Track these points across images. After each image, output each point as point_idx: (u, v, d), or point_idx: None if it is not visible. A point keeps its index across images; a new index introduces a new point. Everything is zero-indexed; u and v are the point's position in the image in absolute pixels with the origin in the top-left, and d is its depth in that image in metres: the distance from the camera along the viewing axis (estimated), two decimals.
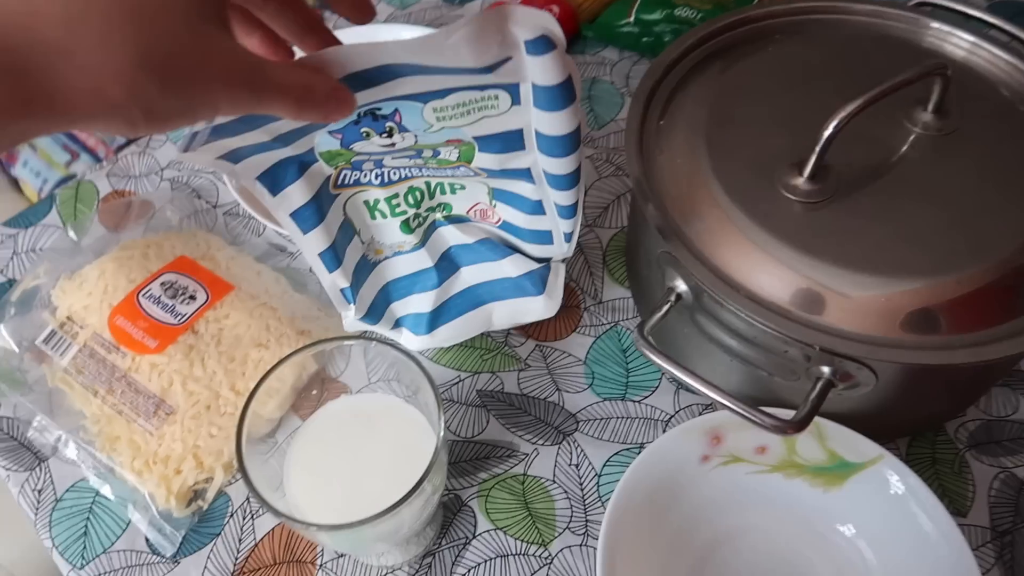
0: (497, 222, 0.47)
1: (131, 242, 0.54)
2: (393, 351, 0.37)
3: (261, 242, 0.56)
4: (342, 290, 0.46)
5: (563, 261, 0.48)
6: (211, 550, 0.43)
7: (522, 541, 0.43)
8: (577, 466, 0.45)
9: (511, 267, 0.47)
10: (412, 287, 0.48)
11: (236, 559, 0.43)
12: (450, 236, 0.48)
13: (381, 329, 0.48)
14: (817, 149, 0.38)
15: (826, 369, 0.37)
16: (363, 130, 0.38)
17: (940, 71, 0.40)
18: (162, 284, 0.50)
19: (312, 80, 0.30)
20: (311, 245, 0.43)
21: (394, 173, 0.44)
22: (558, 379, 0.49)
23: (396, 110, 0.36)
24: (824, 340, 0.36)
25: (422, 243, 0.48)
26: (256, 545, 0.43)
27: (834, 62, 0.46)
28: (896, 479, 0.39)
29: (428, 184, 0.46)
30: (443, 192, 0.46)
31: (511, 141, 0.39)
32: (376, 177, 0.44)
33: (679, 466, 0.42)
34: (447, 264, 0.48)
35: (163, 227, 0.56)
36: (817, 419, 0.40)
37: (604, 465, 0.45)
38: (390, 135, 0.38)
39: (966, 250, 0.37)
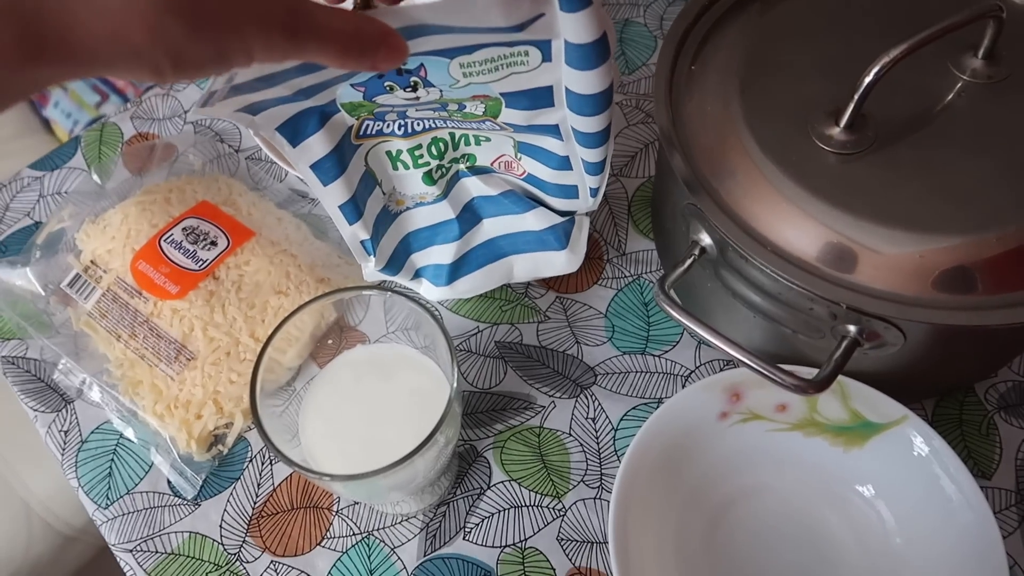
0: (522, 175, 0.46)
1: (154, 186, 0.53)
2: (410, 303, 0.37)
3: (283, 188, 0.56)
4: (362, 242, 0.45)
5: (587, 215, 0.47)
6: (231, 494, 0.44)
7: (536, 493, 0.43)
8: (594, 420, 0.45)
9: (534, 220, 0.46)
10: (433, 238, 0.47)
11: (255, 503, 0.43)
12: (473, 187, 0.47)
13: (401, 279, 0.47)
14: (856, 97, 0.36)
15: (852, 328, 0.36)
16: (387, 84, 0.37)
17: (994, 13, 0.37)
18: (184, 229, 0.50)
19: (361, 25, 0.27)
20: (331, 197, 0.42)
21: (417, 124, 0.42)
22: (577, 332, 0.48)
23: (421, 65, 0.35)
24: (852, 298, 0.35)
25: (444, 194, 0.47)
26: (274, 490, 0.44)
27: (880, 2, 0.43)
28: (920, 441, 0.38)
29: (452, 135, 0.44)
30: (467, 143, 0.45)
31: (540, 98, 0.38)
32: (399, 128, 0.42)
33: (697, 423, 0.41)
34: (469, 215, 0.47)
35: (186, 171, 0.56)
36: (840, 378, 0.39)
37: (621, 419, 0.45)
38: (415, 89, 0.37)
39: (1009, 205, 0.35)
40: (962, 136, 0.38)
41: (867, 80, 0.35)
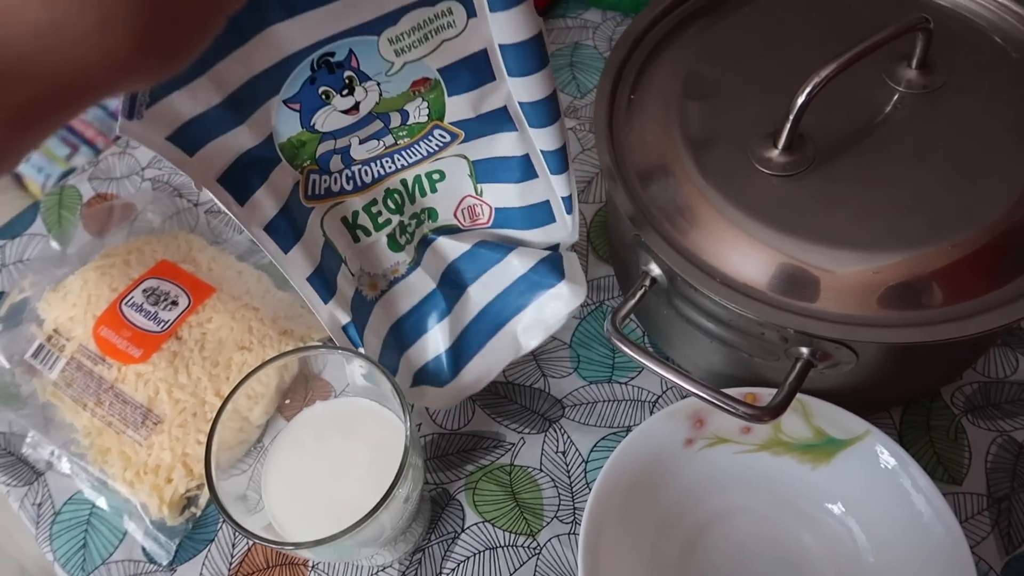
0: (488, 220, 0.44)
1: (112, 248, 0.53)
2: (361, 359, 0.37)
3: (242, 239, 0.56)
4: (344, 327, 0.41)
5: (573, 249, 0.44)
6: (206, 556, 0.44)
7: (510, 532, 0.43)
8: (564, 453, 0.45)
9: (519, 262, 0.43)
10: (423, 322, 0.44)
11: (231, 564, 0.43)
12: (445, 247, 0.44)
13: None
14: (790, 119, 0.36)
15: (805, 350, 0.36)
16: (321, 90, 0.35)
17: (921, 25, 0.38)
18: (144, 291, 0.50)
19: None
20: (295, 267, 0.38)
21: (365, 172, 0.41)
22: (543, 364, 0.48)
23: (350, 52, 0.34)
24: (797, 322, 0.35)
25: (417, 262, 0.44)
26: (249, 549, 0.44)
27: (815, 17, 0.43)
28: (885, 454, 0.38)
29: (405, 184, 0.42)
30: (423, 193, 0.43)
31: (478, 69, 0.37)
32: (348, 181, 0.40)
33: (663, 451, 0.41)
34: (451, 285, 0.44)
35: (145, 230, 0.56)
36: (801, 396, 0.40)
37: (591, 451, 0.45)
38: (351, 90, 0.36)
39: (953, 215, 0.35)
40: (902, 148, 0.38)
41: (800, 101, 0.36)
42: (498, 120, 0.39)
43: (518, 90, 0.36)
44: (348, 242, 0.42)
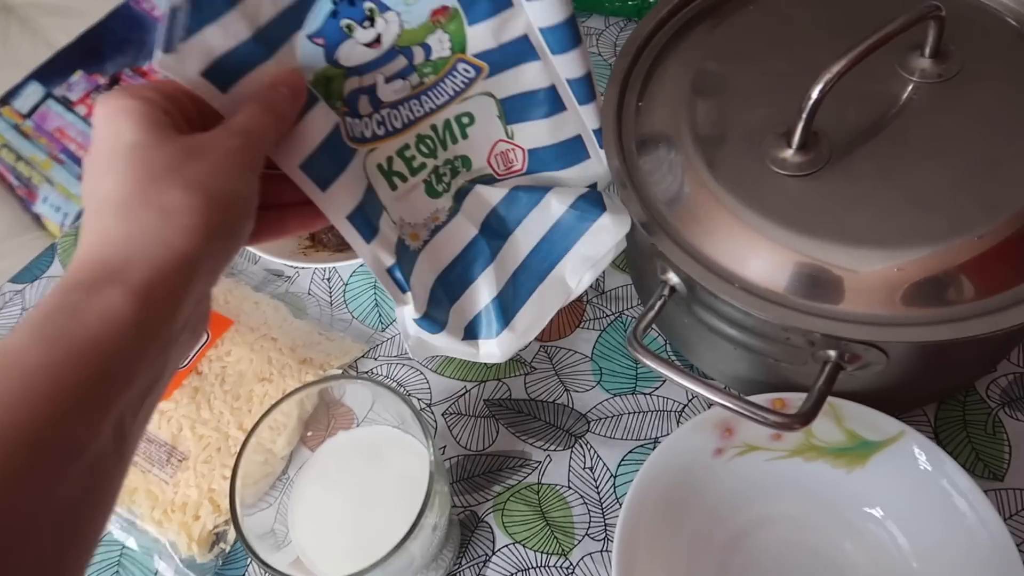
0: (523, 166, 0.43)
1: None
2: (378, 387, 0.37)
3: (258, 270, 0.56)
4: (389, 270, 0.38)
5: (610, 188, 0.43)
6: None
7: (542, 553, 0.42)
8: (591, 469, 0.44)
9: (558, 201, 0.42)
10: (468, 271, 0.42)
11: None
12: (484, 194, 0.43)
13: (450, 344, 0.41)
14: (803, 117, 0.35)
15: (832, 353, 0.35)
16: (343, 23, 0.35)
17: (933, 13, 0.37)
18: None
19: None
20: (334, 205, 0.36)
21: (395, 117, 0.39)
22: (565, 379, 0.47)
23: None
24: (824, 326, 0.34)
25: (457, 206, 0.43)
26: None
27: (822, 11, 0.43)
28: (922, 454, 0.37)
29: (435, 129, 0.41)
30: (454, 139, 0.42)
31: None
32: (379, 126, 0.39)
33: (693, 462, 0.40)
34: (493, 231, 0.43)
35: None
36: (831, 399, 0.39)
37: (619, 465, 0.44)
38: (372, 22, 0.36)
39: (976, 206, 0.34)
40: (919, 140, 0.37)
41: (812, 98, 0.35)
42: (520, 50, 0.39)
43: (537, 15, 0.36)
44: (386, 191, 0.40)
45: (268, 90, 0.32)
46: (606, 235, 0.42)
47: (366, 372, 0.50)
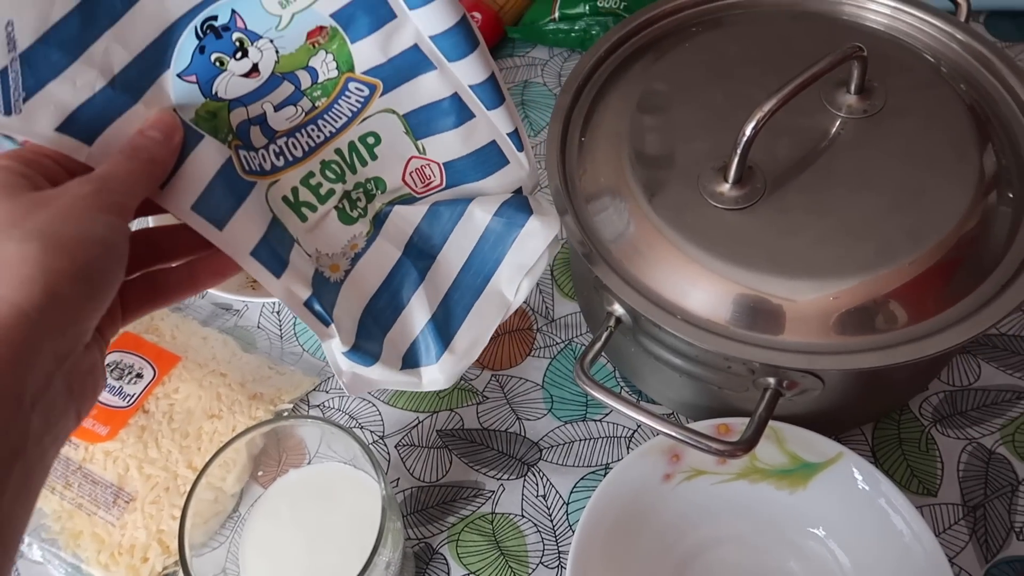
0: (441, 182, 0.41)
1: None
2: (328, 426, 0.37)
3: (205, 304, 0.55)
4: (306, 303, 0.35)
5: (536, 189, 0.42)
6: None
7: None
8: (544, 497, 0.45)
9: (481, 210, 0.40)
10: (397, 296, 0.40)
11: None
12: (404, 214, 0.41)
13: (386, 375, 0.38)
14: (737, 154, 0.37)
15: (771, 380, 0.36)
16: (213, 57, 0.34)
17: (855, 54, 0.39)
18: (107, 366, 0.49)
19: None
20: (236, 241, 0.33)
21: (294, 146, 0.38)
22: (517, 408, 0.48)
23: (233, 12, 0.33)
24: (762, 355, 0.35)
25: (375, 229, 0.40)
26: None
27: (753, 48, 0.44)
28: (859, 475, 0.39)
29: (341, 154, 0.39)
30: (362, 161, 0.40)
31: (374, 7, 0.35)
32: (277, 156, 0.37)
33: (643, 488, 0.41)
34: (419, 251, 0.41)
35: None
36: (773, 423, 0.40)
37: (571, 492, 0.45)
38: (244, 52, 0.34)
39: (902, 235, 0.36)
40: (848, 172, 0.39)
41: (746, 135, 0.36)
42: (413, 61, 0.37)
43: (425, 23, 0.35)
44: (296, 223, 0.38)
45: (133, 136, 0.31)
46: (537, 239, 0.40)
47: (318, 405, 0.50)
